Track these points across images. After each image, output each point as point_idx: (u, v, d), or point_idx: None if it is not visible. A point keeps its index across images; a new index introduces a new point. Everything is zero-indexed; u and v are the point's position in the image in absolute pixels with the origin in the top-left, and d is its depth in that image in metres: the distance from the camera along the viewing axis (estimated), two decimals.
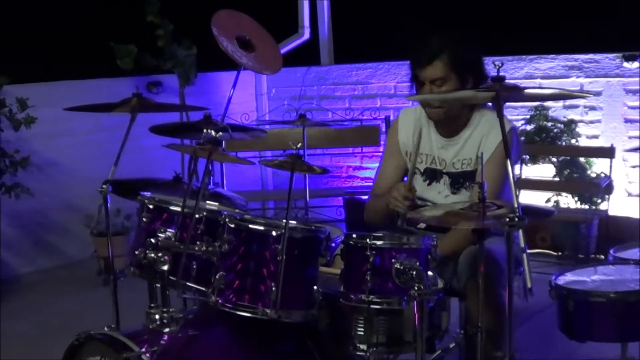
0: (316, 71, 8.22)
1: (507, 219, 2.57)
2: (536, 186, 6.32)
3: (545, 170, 6.35)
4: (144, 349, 2.73)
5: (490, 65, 3.04)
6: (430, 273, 2.77)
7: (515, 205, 2.62)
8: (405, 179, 3.86)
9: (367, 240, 2.79)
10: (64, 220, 6.73)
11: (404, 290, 2.72)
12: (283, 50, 8.23)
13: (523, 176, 6.29)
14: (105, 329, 2.89)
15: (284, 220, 2.83)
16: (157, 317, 2.88)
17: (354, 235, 2.86)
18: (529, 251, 5.89)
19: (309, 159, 7.61)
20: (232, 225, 2.84)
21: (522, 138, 6.32)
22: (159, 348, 2.74)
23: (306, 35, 8.23)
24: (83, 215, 6.30)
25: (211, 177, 4.62)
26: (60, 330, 4.96)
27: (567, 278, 3.39)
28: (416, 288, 2.64)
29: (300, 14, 8.18)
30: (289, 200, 2.72)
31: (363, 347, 2.92)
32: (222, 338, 2.95)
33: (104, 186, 3.60)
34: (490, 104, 3.60)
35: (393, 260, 2.74)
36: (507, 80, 2.94)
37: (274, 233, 2.78)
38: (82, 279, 6.26)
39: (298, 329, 3.02)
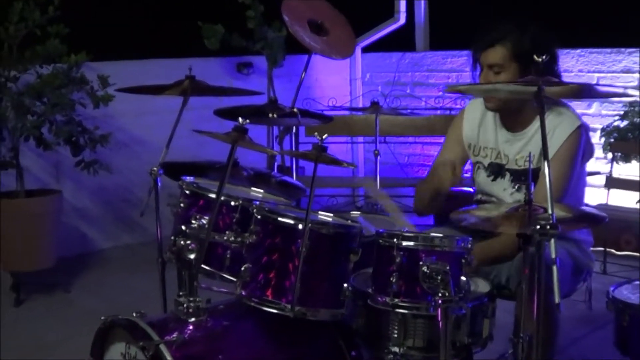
0: (411, 57, 8.06)
1: (538, 227, 2.39)
2: (627, 186, 6.02)
3: (637, 169, 6.04)
4: (165, 338, 2.66)
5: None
6: (463, 278, 2.62)
7: (550, 212, 2.43)
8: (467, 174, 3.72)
9: (395, 239, 2.66)
10: (146, 197, 6.77)
11: (432, 295, 2.58)
12: (378, 35, 8.14)
13: (614, 175, 6.01)
14: (134, 314, 2.83)
15: (320, 213, 2.72)
16: (184, 305, 2.81)
17: (384, 234, 2.72)
18: (616, 252, 5.75)
19: (398, 147, 7.65)
20: (259, 217, 2.75)
21: (615, 134, 6.04)
22: (179, 338, 2.66)
23: (402, 20, 8.08)
24: (166, 194, 6.32)
25: (276, 163, 4.61)
26: (128, 308, 4.99)
27: (630, 289, 3.17)
28: (440, 294, 2.49)
29: None
30: (312, 191, 2.61)
31: (396, 349, 2.79)
32: (249, 332, 2.85)
33: (155, 169, 3.57)
34: (563, 99, 3.43)
35: (421, 263, 2.59)
36: (602, 74, 2.72)
37: (300, 227, 2.65)
38: None
39: (331, 327, 2.92)
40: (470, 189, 3.77)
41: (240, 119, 2.69)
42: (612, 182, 5.98)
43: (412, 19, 8.07)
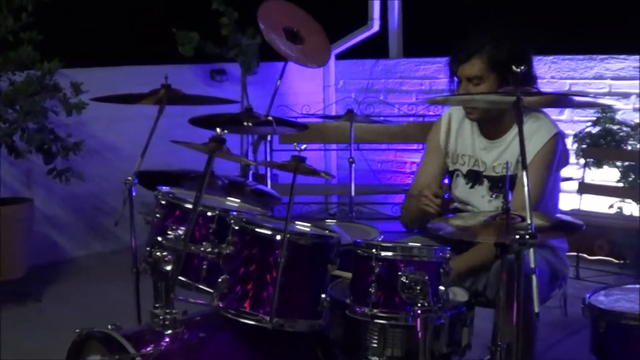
0: (384, 64, 8.07)
1: (517, 237, 2.39)
2: (599, 191, 6.06)
3: (609, 175, 6.09)
4: (141, 351, 2.64)
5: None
6: (441, 288, 2.61)
7: (529, 221, 2.44)
8: (446, 180, 3.71)
9: (374, 250, 2.65)
10: (121, 206, 6.72)
11: (411, 305, 2.57)
12: (352, 42, 8.13)
13: (586, 180, 6.04)
14: (109, 326, 2.80)
15: (297, 223, 2.70)
16: (160, 317, 2.78)
17: (362, 244, 2.71)
18: (588, 257, 5.78)
19: (371, 154, 7.65)
20: (237, 227, 2.73)
21: (587, 140, 6.09)
22: (155, 351, 2.64)
23: (376, 27, 8.08)
24: (139, 202, 6.28)
25: (250, 172, 4.59)
26: (101, 318, 4.94)
27: (605, 296, 3.18)
28: (419, 305, 2.49)
29: (371, 5, 8.02)
30: (290, 202, 2.60)
31: (375, 359, 2.78)
32: (226, 344, 2.83)
33: (129, 178, 3.54)
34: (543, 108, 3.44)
35: (400, 273, 2.58)
36: (574, 81, 2.73)
37: (278, 237, 2.65)
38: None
39: (308, 338, 2.90)
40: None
41: (218, 129, 2.67)
42: (585, 188, 6.01)
43: (386, 25, 8.07)
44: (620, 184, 6.00)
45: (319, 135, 7.19)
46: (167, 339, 2.74)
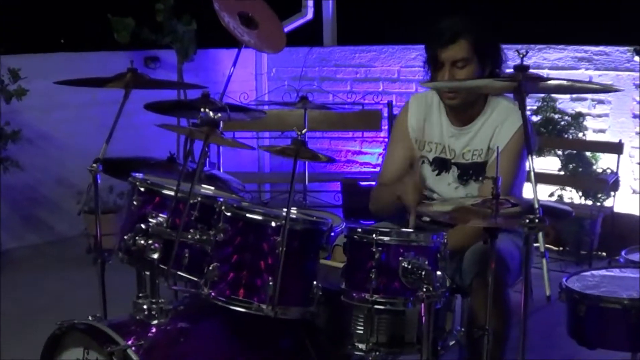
0: (318, 52, 8.03)
1: (527, 220, 2.39)
2: (540, 179, 6.08)
3: (550, 163, 6.18)
4: (129, 342, 2.55)
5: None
6: (439, 273, 2.60)
7: (536, 205, 2.44)
8: None
9: (374, 235, 2.61)
10: (55, 196, 6.56)
11: (411, 290, 2.55)
12: (285, 30, 8.01)
13: (527, 168, 6.11)
14: (90, 317, 2.71)
15: (284, 210, 2.65)
16: (145, 307, 2.70)
17: (359, 230, 2.67)
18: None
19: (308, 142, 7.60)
20: (229, 214, 2.66)
21: None
22: (145, 342, 2.55)
23: (309, 14, 8.04)
24: (75, 192, 6.14)
25: (207, 158, 4.50)
26: (45, 310, 4.82)
27: (578, 280, 3.22)
28: (425, 290, 2.46)
29: None
30: (292, 189, 2.54)
31: (362, 346, 2.75)
32: (214, 332, 2.77)
33: (94, 165, 3.42)
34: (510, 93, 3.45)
35: (400, 259, 2.56)
36: (511, 70, 2.76)
37: (273, 224, 2.59)
38: (71, 256, 6.10)
39: (295, 325, 2.85)
40: None
41: (210, 111, 2.59)
42: (526, 176, 6.07)
43: (320, 13, 8.04)
44: (561, 172, 6.08)
45: (254, 123, 7.10)
46: (154, 329, 2.67)
